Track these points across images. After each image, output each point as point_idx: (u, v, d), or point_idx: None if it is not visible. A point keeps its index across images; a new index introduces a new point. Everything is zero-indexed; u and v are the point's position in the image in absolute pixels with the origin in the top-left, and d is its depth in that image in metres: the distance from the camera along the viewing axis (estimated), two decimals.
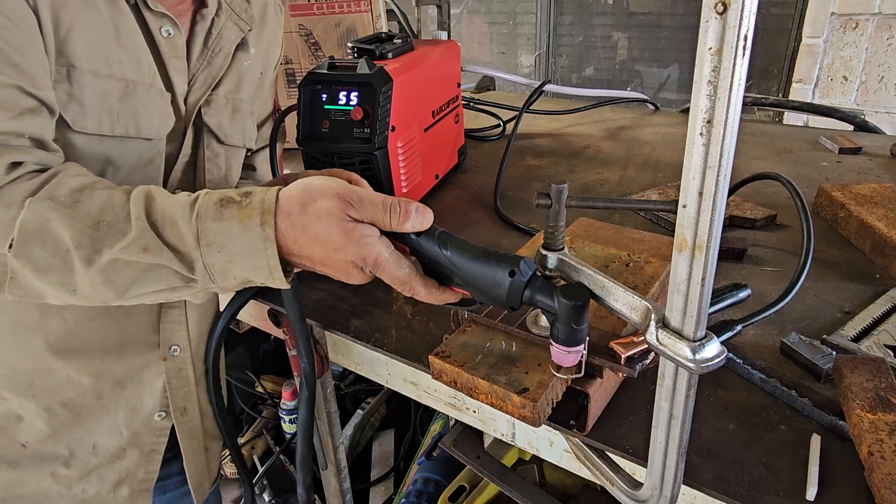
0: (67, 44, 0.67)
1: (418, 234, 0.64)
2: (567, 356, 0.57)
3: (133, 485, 0.92)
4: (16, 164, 0.62)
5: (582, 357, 0.57)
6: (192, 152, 0.85)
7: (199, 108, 0.83)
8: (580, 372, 0.59)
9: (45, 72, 0.65)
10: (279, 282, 0.64)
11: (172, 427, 0.95)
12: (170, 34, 0.77)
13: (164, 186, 0.82)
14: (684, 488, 0.60)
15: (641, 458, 0.62)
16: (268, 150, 1.04)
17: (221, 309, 0.94)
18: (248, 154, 1.02)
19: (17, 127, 0.62)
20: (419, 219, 0.63)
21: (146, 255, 0.60)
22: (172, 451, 0.97)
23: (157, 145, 0.79)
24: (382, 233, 0.63)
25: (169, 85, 0.79)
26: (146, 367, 0.89)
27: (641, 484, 0.60)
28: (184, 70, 0.80)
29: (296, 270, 0.67)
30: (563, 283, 0.60)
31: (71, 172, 0.64)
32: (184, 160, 0.84)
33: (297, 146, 1.03)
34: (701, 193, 0.41)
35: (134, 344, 0.86)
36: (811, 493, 0.57)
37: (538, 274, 0.60)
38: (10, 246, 0.59)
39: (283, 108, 1.07)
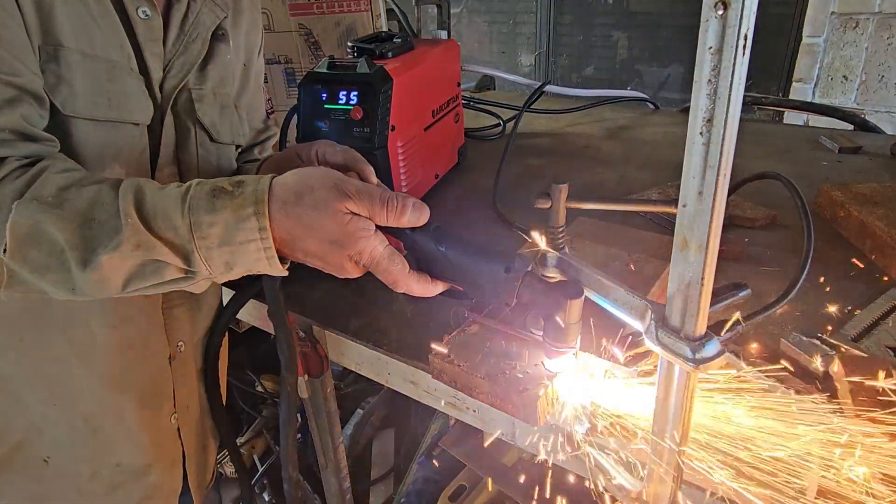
0: (53, 21, 0.64)
1: (413, 229, 0.63)
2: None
3: (160, 499, 0.91)
4: None
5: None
6: (174, 143, 0.81)
7: (193, 104, 0.81)
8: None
9: (27, 55, 0.63)
10: (276, 269, 0.63)
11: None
12: (147, 16, 0.73)
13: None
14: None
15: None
16: (264, 148, 1.04)
17: (224, 305, 0.94)
18: (239, 150, 1.00)
19: None
20: (416, 214, 0.62)
21: (139, 251, 0.59)
22: None
23: (144, 131, 0.76)
24: (377, 227, 0.63)
25: (144, 69, 0.75)
26: (162, 370, 0.87)
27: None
28: (160, 54, 0.76)
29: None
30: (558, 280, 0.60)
31: (56, 168, 0.62)
32: (168, 151, 0.80)
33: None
34: (701, 193, 0.41)
35: (149, 346, 0.85)
36: (811, 494, 0.57)
37: (532, 271, 0.60)
38: (5, 250, 0.58)
39: (287, 108, 1.06)
